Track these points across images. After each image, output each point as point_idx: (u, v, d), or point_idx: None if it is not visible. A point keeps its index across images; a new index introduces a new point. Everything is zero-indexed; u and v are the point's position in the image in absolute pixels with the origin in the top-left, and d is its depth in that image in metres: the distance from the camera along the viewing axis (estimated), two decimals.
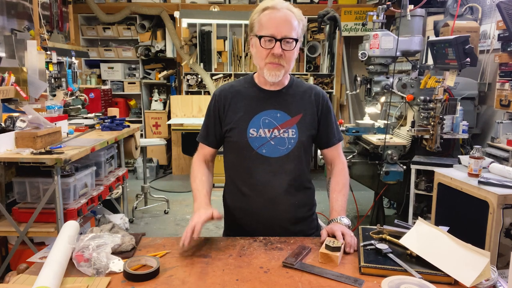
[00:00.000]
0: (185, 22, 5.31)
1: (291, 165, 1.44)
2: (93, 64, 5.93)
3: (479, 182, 2.14)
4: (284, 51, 1.35)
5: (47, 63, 3.57)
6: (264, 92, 1.47)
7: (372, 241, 1.27)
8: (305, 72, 5.78)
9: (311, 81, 5.75)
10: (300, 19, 1.38)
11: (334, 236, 1.31)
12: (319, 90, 1.52)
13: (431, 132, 2.92)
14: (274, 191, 1.44)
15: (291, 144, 1.43)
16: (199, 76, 5.69)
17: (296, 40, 1.36)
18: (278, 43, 1.33)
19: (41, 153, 2.34)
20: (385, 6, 3.20)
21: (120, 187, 3.53)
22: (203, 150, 1.57)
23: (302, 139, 1.44)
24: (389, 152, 3.07)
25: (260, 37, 1.35)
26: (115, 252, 1.23)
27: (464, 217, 2.27)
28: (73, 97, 3.86)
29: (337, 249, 1.21)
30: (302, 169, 1.48)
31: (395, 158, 3.06)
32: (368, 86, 3.35)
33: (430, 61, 3.28)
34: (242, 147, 1.44)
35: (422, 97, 2.97)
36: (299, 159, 1.46)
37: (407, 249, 1.22)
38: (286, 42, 1.34)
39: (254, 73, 1.54)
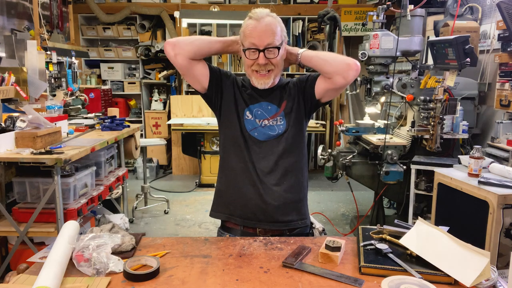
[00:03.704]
0: (185, 22, 5.31)
1: (280, 147, 1.54)
2: (93, 64, 5.94)
3: (479, 182, 2.14)
4: (268, 60, 1.44)
5: (47, 63, 3.56)
6: (259, 90, 1.57)
7: (372, 241, 1.27)
8: (304, 72, 5.78)
9: None
10: (279, 22, 1.45)
11: None
12: (294, 78, 1.61)
13: (431, 132, 2.91)
14: (262, 171, 1.53)
15: (280, 130, 1.55)
16: None
17: (279, 48, 1.43)
18: (261, 53, 1.42)
19: (41, 153, 2.34)
20: (385, 6, 3.20)
21: (120, 187, 3.53)
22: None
23: (289, 123, 1.55)
24: (389, 152, 3.07)
25: (244, 50, 1.45)
26: (115, 252, 1.23)
27: (464, 217, 2.26)
28: (73, 97, 3.86)
29: (337, 249, 1.21)
30: (291, 152, 1.56)
31: (395, 158, 3.06)
32: (368, 86, 3.35)
33: (430, 61, 3.28)
34: (237, 124, 1.55)
35: (422, 97, 2.97)
36: (287, 142, 1.55)
37: (407, 249, 1.22)
38: (269, 51, 1.42)
39: None
